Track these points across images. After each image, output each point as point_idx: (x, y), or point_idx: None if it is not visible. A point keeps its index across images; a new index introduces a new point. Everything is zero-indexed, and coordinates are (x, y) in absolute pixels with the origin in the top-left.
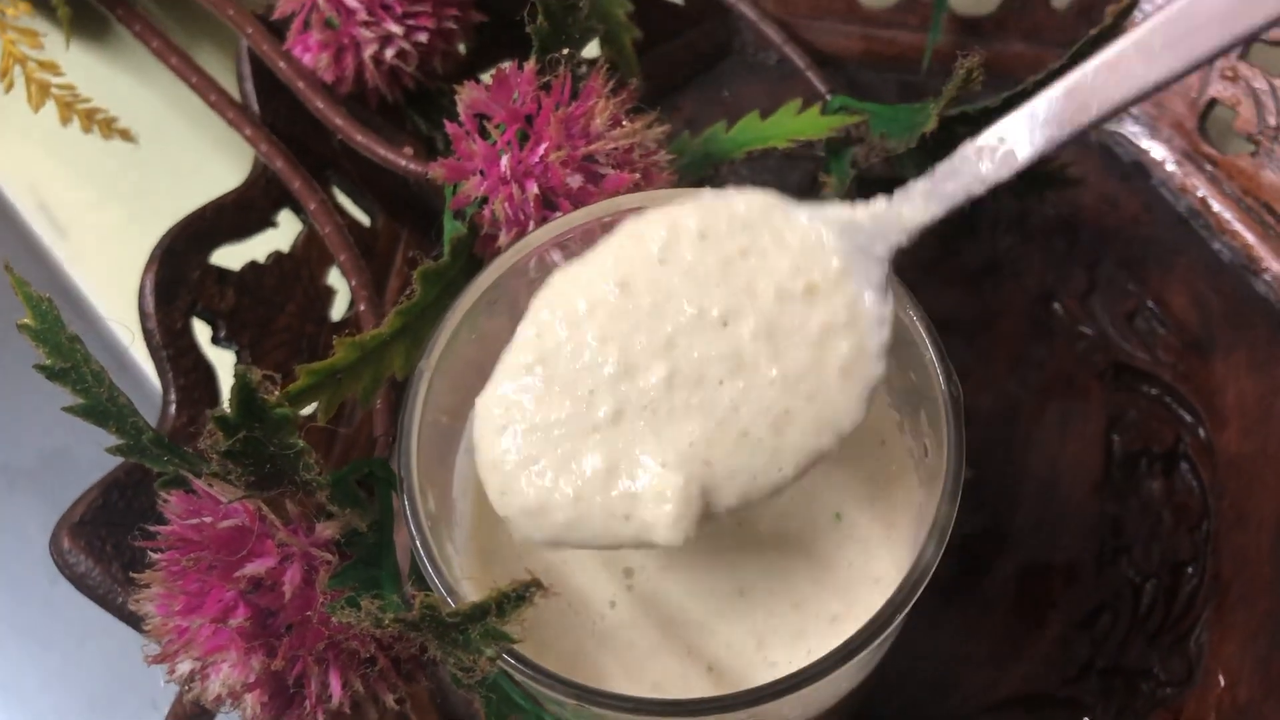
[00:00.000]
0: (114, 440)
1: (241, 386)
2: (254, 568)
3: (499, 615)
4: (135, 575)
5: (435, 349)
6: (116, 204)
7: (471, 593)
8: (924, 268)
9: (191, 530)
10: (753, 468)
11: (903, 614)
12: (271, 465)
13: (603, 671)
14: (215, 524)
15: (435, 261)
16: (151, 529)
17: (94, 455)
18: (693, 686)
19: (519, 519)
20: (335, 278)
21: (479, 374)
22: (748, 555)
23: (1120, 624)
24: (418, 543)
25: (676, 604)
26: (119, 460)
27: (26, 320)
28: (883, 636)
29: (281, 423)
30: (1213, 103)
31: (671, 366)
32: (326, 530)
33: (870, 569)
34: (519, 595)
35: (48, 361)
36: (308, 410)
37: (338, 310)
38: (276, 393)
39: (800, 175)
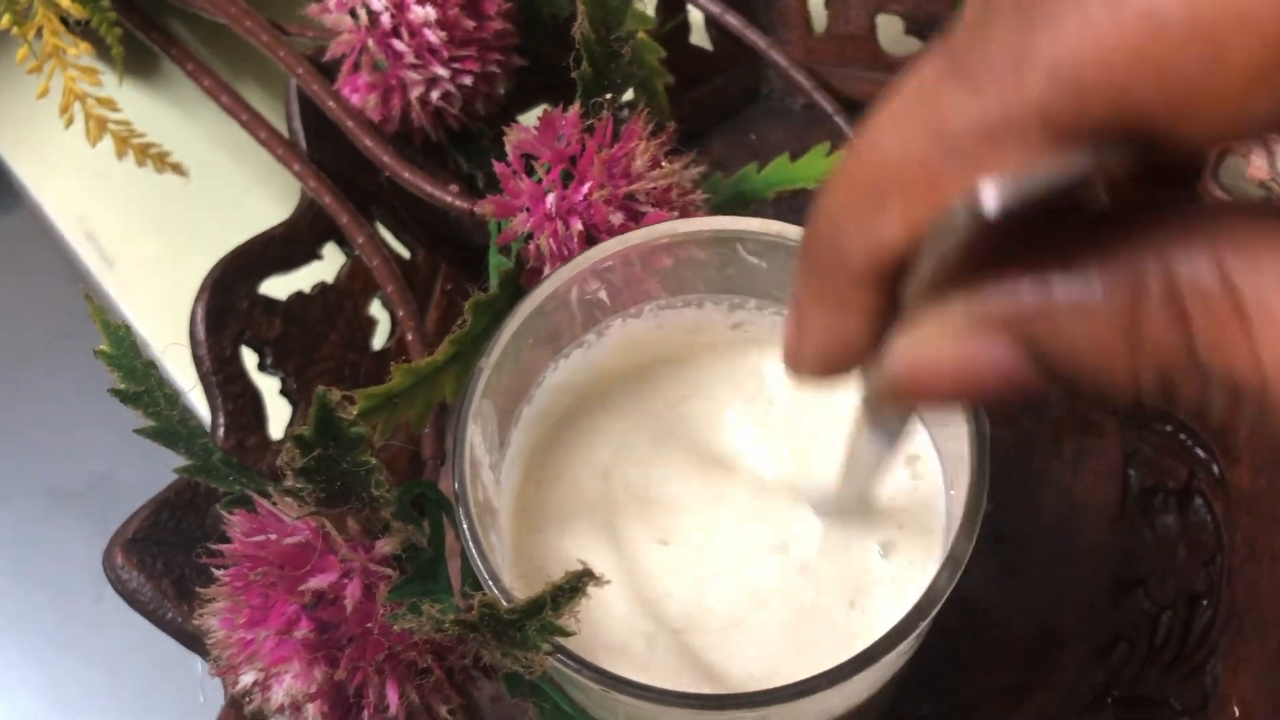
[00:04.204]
0: (173, 464)
1: (321, 406)
2: (317, 582)
3: (554, 609)
4: (201, 590)
5: (495, 349)
6: (163, 235)
7: (516, 589)
8: None
9: (255, 547)
10: None
11: (913, 634)
12: (342, 482)
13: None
14: (280, 540)
15: (484, 293)
16: (215, 546)
17: (138, 478)
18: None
19: None
20: (375, 308)
21: (524, 376)
22: (787, 582)
23: (1136, 654)
24: (465, 527)
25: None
26: (162, 482)
27: (103, 347)
28: (895, 651)
29: (356, 441)
30: (1225, 151)
31: None
32: (385, 546)
33: (895, 601)
34: (572, 587)
35: (121, 386)
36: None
37: (378, 339)
38: (353, 413)
39: None
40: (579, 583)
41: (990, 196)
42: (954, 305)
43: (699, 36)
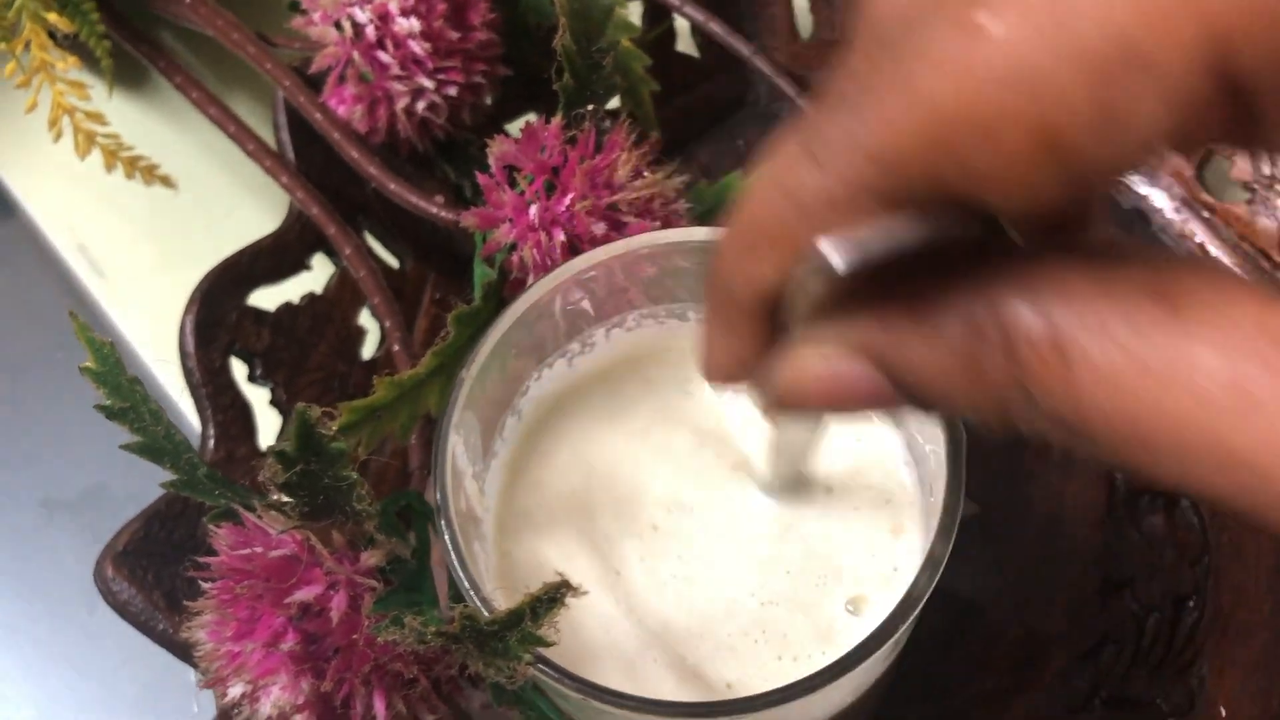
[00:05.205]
0: (165, 476)
1: (301, 423)
2: (303, 594)
3: (534, 620)
4: (188, 603)
5: (477, 360)
6: (154, 245)
7: (499, 599)
8: None
9: (242, 560)
10: None
11: (892, 639)
12: (325, 496)
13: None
14: (266, 554)
15: (467, 305)
16: (202, 560)
17: (130, 489)
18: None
19: None
20: (365, 318)
21: (508, 387)
22: (771, 585)
23: (1123, 656)
24: (446, 537)
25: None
26: (155, 494)
27: (89, 364)
28: (875, 656)
29: (337, 456)
30: (1210, 152)
31: None
32: (371, 558)
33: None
34: (551, 598)
35: (107, 402)
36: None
37: (367, 349)
38: (334, 428)
39: None
40: (557, 593)
41: (835, 257)
42: (827, 332)
43: (685, 43)
